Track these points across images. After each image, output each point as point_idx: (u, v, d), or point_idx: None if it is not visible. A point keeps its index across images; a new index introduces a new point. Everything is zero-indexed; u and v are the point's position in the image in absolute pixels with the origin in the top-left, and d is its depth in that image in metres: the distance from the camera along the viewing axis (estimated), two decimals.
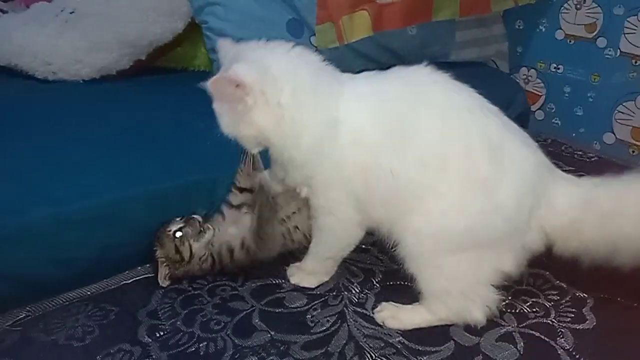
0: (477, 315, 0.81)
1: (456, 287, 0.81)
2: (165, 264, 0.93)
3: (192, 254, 0.93)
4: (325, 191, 0.85)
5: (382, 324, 0.84)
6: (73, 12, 1.42)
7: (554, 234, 0.82)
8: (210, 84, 0.76)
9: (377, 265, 0.98)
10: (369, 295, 0.91)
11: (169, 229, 0.94)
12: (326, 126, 0.80)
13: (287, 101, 0.78)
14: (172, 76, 1.46)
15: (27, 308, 0.87)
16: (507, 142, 0.80)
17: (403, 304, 0.86)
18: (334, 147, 0.80)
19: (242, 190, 1.00)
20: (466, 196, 0.78)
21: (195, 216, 0.96)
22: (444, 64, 1.57)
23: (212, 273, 0.96)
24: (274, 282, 0.94)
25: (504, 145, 0.80)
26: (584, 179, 0.85)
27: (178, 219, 0.96)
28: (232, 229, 0.97)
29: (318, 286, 0.93)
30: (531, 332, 0.81)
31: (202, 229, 0.95)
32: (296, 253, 0.99)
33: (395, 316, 0.84)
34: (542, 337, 0.80)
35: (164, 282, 0.93)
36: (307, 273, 0.94)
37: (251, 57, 0.79)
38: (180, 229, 0.94)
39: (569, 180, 0.85)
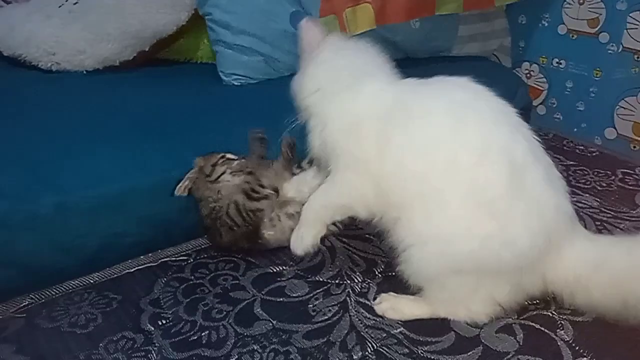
0: (479, 318, 0.81)
1: (459, 300, 0.81)
2: (191, 173, 0.97)
3: (217, 179, 0.96)
4: (332, 151, 0.85)
5: (382, 315, 0.84)
6: (77, 2, 1.42)
7: (556, 285, 0.80)
8: (302, 24, 0.89)
9: (379, 255, 0.98)
10: (371, 285, 0.91)
11: (223, 153, 0.99)
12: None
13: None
14: (175, 68, 1.47)
15: (31, 295, 0.87)
16: (533, 169, 0.76)
17: (405, 294, 0.86)
18: (346, 111, 0.84)
19: (263, 187, 1.00)
20: (473, 214, 0.74)
21: (249, 163, 1.00)
22: (446, 58, 1.61)
23: (204, 222, 0.98)
24: (274, 270, 0.95)
25: (527, 171, 0.75)
26: (601, 236, 0.82)
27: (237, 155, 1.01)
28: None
29: (320, 271, 0.93)
30: (531, 323, 0.81)
31: (243, 172, 0.98)
32: None
33: (395, 307, 0.85)
34: (542, 328, 0.81)
35: (179, 190, 0.96)
36: (303, 226, 0.91)
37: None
38: (231, 159, 0.99)
39: (586, 235, 0.82)
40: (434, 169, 0.76)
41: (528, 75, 1.76)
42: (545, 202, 0.76)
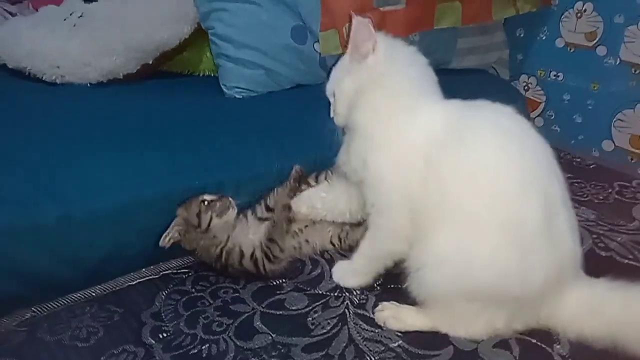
0: (479, 337, 0.82)
1: (460, 320, 0.82)
2: (177, 225, 0.96)
3: (209, 227, 0.96)
4: (377, 184, 0.84)
5: (382, 324, 0.85)
6: (81, 15, 1.44)
7: (550, 320, 0.81)
8: (356, 19, 0.83)
9: None
10: (369, 296, 0.92)
11: (201, 196, 0.98)
12: (405, 114, 0.83)
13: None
14: (178, 81, 1.48)
15: (33, 308, 0.88)
16: (561, 213, 0.77)
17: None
18: (403, 134, 0.82)
19: (269, 209, 1.03)
20: (501, 245, 0.75)
21: (230, 196, 0.99)
22: (445, 71, 1.62)
23: (215, 265, 0.97)
24: (274, 283, 0.96)
25: (557, 214, 0.77)
26: (600, 281, 0.83)
27: (214, 194, 0.99)
28: (250, 236, 0.99)
29: (319, 283, 0.94)
30: (528, 338, 0.82)
31: (229, 208, 0.98)
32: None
33: (397, 316, 0.85)
34: (539, 343, 0.81)
35: (164, 241, 0.96)
36: (352, 272, 0.93)
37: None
38: (212, 200, 0.98)
39: (585, 280, 0.83)
40: (476, 194, 0.77)
41: (526, 87, 1.77)
42: (566, 248, 0.79)
